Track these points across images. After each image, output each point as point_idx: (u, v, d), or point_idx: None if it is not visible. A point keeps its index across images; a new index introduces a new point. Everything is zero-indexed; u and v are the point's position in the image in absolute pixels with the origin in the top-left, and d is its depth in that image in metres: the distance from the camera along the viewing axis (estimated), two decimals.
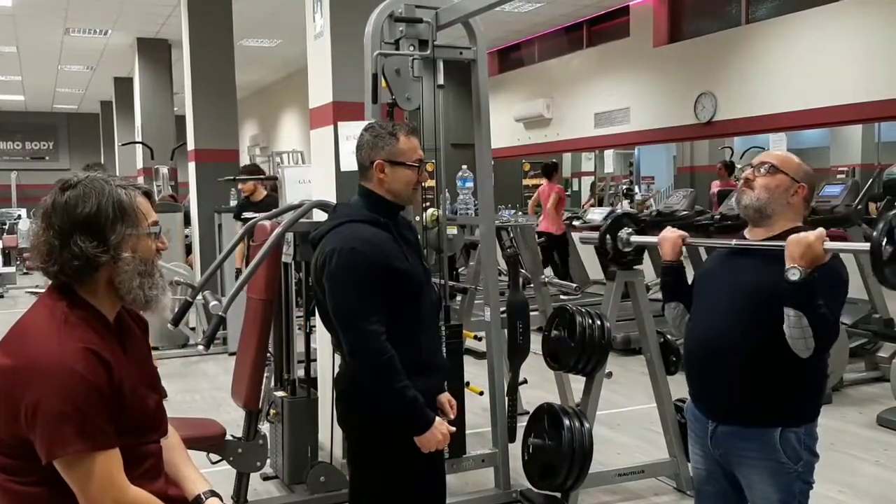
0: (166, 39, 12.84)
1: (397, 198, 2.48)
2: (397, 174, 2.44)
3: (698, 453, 2.50)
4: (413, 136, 2.48)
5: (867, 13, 8.21)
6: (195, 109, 8.84)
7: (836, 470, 4.27)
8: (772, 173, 2.32)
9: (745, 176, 2.39)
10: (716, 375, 2.35)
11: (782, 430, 2.24)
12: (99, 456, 1.58)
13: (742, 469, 2.34)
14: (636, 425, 5.12)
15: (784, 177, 2.32)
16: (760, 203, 2.32)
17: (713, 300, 2.39)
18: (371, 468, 2.51)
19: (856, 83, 8.12)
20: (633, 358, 6.52)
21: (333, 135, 3.99)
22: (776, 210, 2.32)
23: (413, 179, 2.46)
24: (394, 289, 2.37)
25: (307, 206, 3.84)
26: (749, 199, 2.34)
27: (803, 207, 2.37)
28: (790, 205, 2.33)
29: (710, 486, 2.49)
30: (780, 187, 2.32)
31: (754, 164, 2.39)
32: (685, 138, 11.63)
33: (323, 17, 4.26)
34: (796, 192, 2.33)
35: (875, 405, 5.46)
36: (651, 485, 4.17)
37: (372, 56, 3.52)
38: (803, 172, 2.35)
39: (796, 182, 2.33)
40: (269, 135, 20.27)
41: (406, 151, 2.45)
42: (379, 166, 2.44)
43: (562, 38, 13.24)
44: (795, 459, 2.25)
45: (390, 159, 2.43)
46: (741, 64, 9.53)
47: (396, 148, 2.44)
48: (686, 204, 8.55)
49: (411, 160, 2.45)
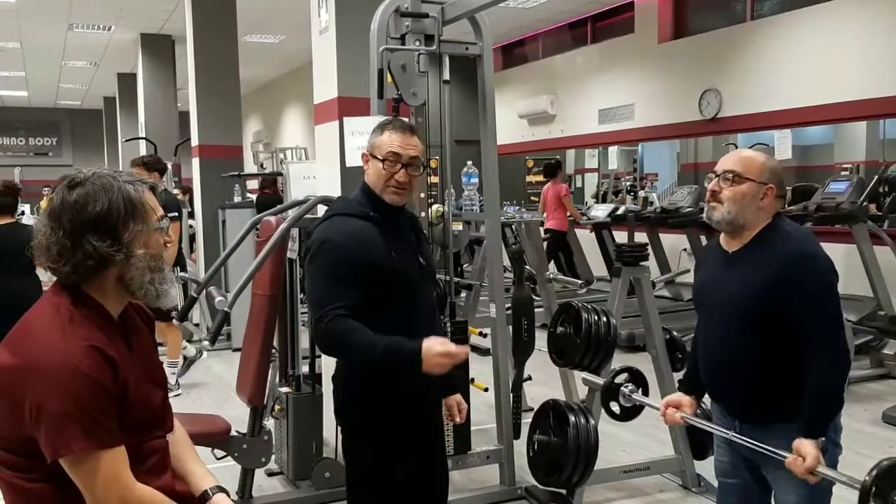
0: (170, 35, 12.84)
1: (375, 189, 2.47)
2: (372, 167, 2.46)
3: (722, 445, 2.50)
4: (399, 132, 2.45)
5: (872, 10, 8.17)
6: (199, 105, 8.84)
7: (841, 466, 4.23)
8: (737, 182, 2.27)
9: (710, 189, 2.33)
10: (727, 381, 2.36)
11: None
12: (104, 454, 1.57)
13: (767, 467, 2.33)
14: (641, 422, 5.06)
15: (750, 183, 2.27)
16: (731, 216, 2.28)
17: (711, 310, 2.40)
18: (357, 459, 2.52)
19: (861, 80, 8.09)
20: (638, 355, 6.50)
21: (339, 130, 3.98)
22: (748, 219, 2.28)
23: (382, 173, 2.42)
24: (376, 284, 2.35)
25: (312, 201, 3.83)
26: (720, 215, 2.30)
27: (775, 205, 2.32)
28: (761, 208, 2.29)
29: (733, 479, 2.49)
30: (747, 195, 2.27)
31: (718, 173, 2.32)
32: (690, 135, 11.58)
33: (328, 12, 4.25)
34: (765, 194, 2.28)
35: (880, 402, 5.45)
36: (656, 481, 4.16)
37: (378, 51, 3.51)
38: (768, 172, 2.30)
39: (763, 185, 2.28)
40: (273, 131, 20.26)
41: (380, 145, 2.44)
42: (364, 158, 2.50)
43: (566, 34, 13.20)
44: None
45: (370, 152, 2.47)
46: (746, 60, 9.50)
47: (377, 140, 2.46)
48: (690, 200, 8.55)
49: (381, 154, 2.42)
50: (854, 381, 5.94)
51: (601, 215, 9.70)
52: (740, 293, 2.26)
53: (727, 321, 2.30)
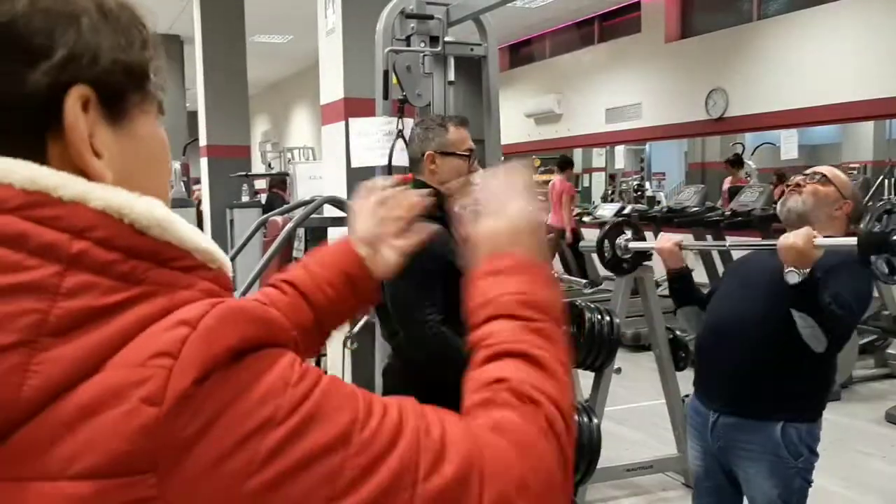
0: (178, 35, 12.90)
1: (448, 189, 2.41)
2: (448, 164, 2.42)
3: (697, 449, 2.51)
4: (462, 126, 2.47)
5: (879, 9, 8.17)
6: (207, 105, 8.89)
7: (844, 465, 4.28)
8: (822, 183, 2.34)
9: (795, 181, 2.40)
10: (725, 360, 2.34)
11: (784, 425, 2.23)
12: None
13: (741, 463, 2.34)
14: (645, 421, 5.14)
15: (833, 189, 2.33)
16: (805, 208, 2.31)
17: (734, 286, 2.43)
18: None
19: (867, 80, 8.09)
20: (642, 354, 6.53)
21: (345, 131, 4.01)
22: (819, 218, 2.28)
23: (463, 169, 2.41)
24: (451, 285, 2.32)
25: (318, 201, 3.88)
26: (794, 203, 2.33)
27: (846, 224, 2.35)
28: (833, 218, 2.32)
29: (707, 482, 2.51)
30: (828, 197, 2.33)
31: (807, 173, 2.40)
32: (696, 134, 11.61)
33: (335, 13, 4.29)
34: (841, 206, 2.33)
35: (884, 401, 5.46)
36: (659, 480, 4.19)
37: (383, 52, 3.55)
38: (851, 190, 2.38)
39: (843, 197, 2.33)
40: (281, 130, 20.32)
41: (455, 141, 2.43)
42: (429, 157, 2.43)
43: (573, 34, 13.22)
44: (796, 455, 2.24)
45: (440, 150, 2.42)
46: (752, 60, 9.51)
47: (446, 138, 2.43)
48: (697, 200, 8.56)
49: (461, 149, 2.43)
50: (857, 380, 5.95)
51: (607, 215, 9.72)
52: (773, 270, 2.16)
53: (748, 297, 2.30)
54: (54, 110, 0.60)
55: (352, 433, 0.60)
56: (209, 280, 0.64)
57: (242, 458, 0.55)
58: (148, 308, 0.58)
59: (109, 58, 0.63)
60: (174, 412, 0.54)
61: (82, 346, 0.55)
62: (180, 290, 0.61)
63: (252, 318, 0.60)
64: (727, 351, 2.34)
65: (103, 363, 0.55)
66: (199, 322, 0.57)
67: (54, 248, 0.56)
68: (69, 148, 0.61)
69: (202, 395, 0.55)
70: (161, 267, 0.61)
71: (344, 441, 0.59)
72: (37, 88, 0.59)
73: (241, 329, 0.59)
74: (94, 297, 0.56)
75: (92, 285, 0.57)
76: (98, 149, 0.63)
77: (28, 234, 0.56)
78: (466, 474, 0.64)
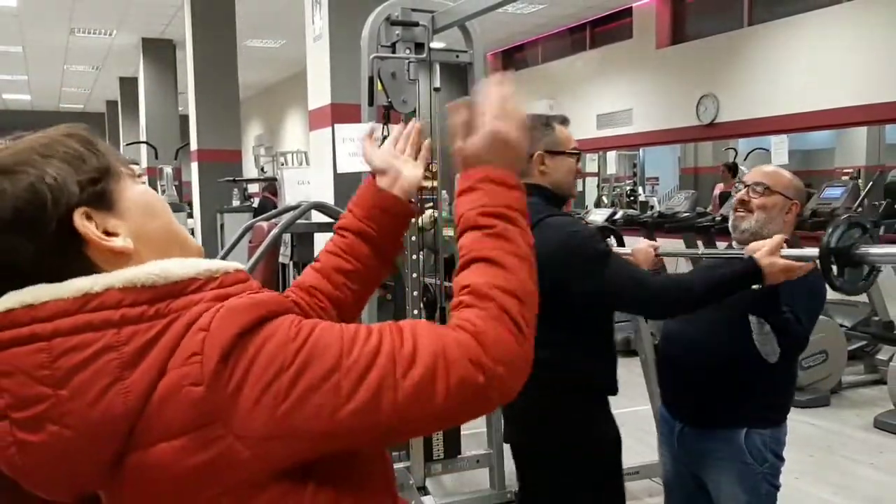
0: (171, 40, 12.91)
1: (559, 189, 2.35)
2: (558, 164, 2.33)
3: (666, 454, 2.53)
4: (565, 125, 2.38)
5: (870, 15, 8.20)
6: (198, 110, 8.90)
7: (832, 472, 4.28)
8: (767, 194, 2.30)
9: (739, 198, 2.35)
10: (687, 374, 2.34)
11: (748, 431, 2.24)
12: None
13: (708, 471, 2.34)
14: (633, 426, 5.09)
15: (779, 196, 2.29)
16: (759, 225, 2.29)
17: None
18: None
19: (859, 85, 8.12)
20: (633, 359, 6.51)
21: (332, 136, 4.01)
22: (773, 230, 2.26)
23: (574, 168, 2.35)
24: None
25: (303, 207, 3.87)
26: (748, 224, 2.31)
27: (793, 223, 2.35)
28: (784, 223, 2.31)
29: (678, 489, 2.51)
30: (776, 207, 2.29)
31: (748, 184, 2.34)
32: (687, 140, 11.64)
33: (322, 19, 4.29)
34: (790, 209, 2.31)
35: (873, 408, 5.46)
36: (645, 486, 4.19)
37: (368, 59, 3.55)
38: (794, 189, 2.33)
39: (790, 200, 2.31)
40: (274, 135, 20.31)
41: (564, 140, 2.34)
42: (539, 158, 2.30)
43: (565, 40, 13.25)
44: (761, 461, 2.24)
45: (550, 149, 2.32)
46: (744, 66, 9.53)
47: (554, 137, 2.33)
48: (687, 205, 8.59)
49: (569, 148, 2.34)
50: (847, 386, 5.96)
51: (599, 220, 9.73)
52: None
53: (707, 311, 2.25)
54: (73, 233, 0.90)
55: (340, 360, 0.87)
56: (215, 287, 0.91)
57: (270, 395, 0.84)
58: (177, 327, 0.87)
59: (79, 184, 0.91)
60: (212, 384, 0.84)
61: (149, 367, 0.85)
62: (194, 307, 0.88)
63: (245, 308, 0.87)
64: (686, 360, 2.34)
65: (166, 368, 0.85)
66: (210, 325, 0.86)
67: (107, 321, 0.86)
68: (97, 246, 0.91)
69: (230, 367, 0.84)
70: (176, 298, 0.89)
71: (336, 367, 0.87)
72: (52, 236, 0.89)
73: (238, 320, 0.86)
74: (141, 336, 0.86)
75: (137, 331, 0.86)
76: (112, 231, 0.93)
77: (91, 320, 0.86)
78: (433, 368, 0.89)
